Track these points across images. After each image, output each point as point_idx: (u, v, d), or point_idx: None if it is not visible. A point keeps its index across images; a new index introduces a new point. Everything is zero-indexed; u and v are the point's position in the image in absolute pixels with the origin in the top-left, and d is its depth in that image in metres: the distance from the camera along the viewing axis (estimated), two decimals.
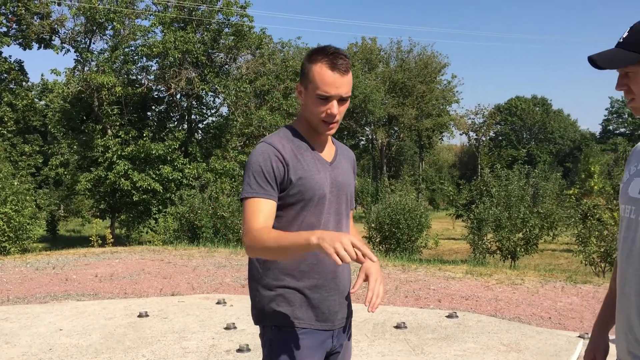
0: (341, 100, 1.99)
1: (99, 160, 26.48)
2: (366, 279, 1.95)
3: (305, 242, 1.74)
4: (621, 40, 1.73)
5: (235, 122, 27.24)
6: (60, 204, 37.80)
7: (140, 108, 28.97)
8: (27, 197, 19.90)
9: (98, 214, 30.90)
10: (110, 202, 28.69)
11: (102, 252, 12.48)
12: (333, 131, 2.03)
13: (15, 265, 10.52)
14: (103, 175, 26.44)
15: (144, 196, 26.27)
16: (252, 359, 4.63)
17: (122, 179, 25.94)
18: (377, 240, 19.11)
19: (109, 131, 27.07)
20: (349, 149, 2.30)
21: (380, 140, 54.56)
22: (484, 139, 70.73)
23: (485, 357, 4.71)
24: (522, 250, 18.45)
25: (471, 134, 69.47)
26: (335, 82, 1.93)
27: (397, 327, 5.61)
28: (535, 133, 78.54)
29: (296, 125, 2.11)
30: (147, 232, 23.38)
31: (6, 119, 36.31)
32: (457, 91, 59.08)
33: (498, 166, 22.27)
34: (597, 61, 1.71)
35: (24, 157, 35.19)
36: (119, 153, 26.12)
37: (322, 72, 1.94)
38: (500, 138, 77.54)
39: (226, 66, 29.22)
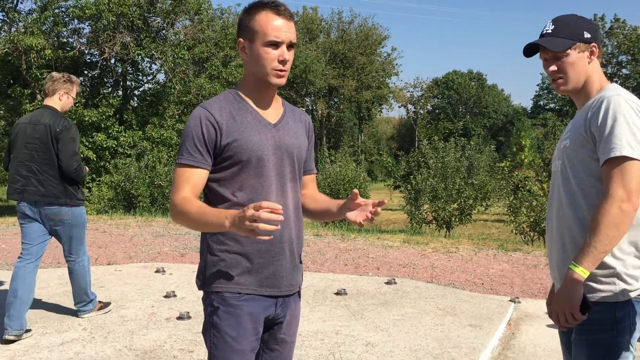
0: (290, 46, 1.98)
1: None
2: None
3: (221, 226, 1.79)
4: (549, 31, 2.11)
5: (172, 90, 26.57)
6: None
7: (72, 73, 27.71)
8: None
9: None
10: None
11: None
12: (284, 80, 1.99)
13: None
14: None
15: None
16: (192, 326, 4.60)
17: None
18: None
19: (39, 96, 25.86)
20: (304, 112, 2.25)
21: (320, 111, 54.58)
22: (421, 112, 71.92)
23: (422, 320, 4.86)
24: (457, 220, 19.00)
25: (409, 106, 70.47)
26: (284, 27, 1.93)
27: (338, 293, 5.69)
28: (471, 107, 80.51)
29: (239, 87, 2.09)
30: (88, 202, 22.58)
31: None
32: (396, 64, 59.63)
33: (435, 138, 22.72)
34: (544, 43, 2.09)
35: None
36: None
37: (268, 19, 1.93)
38: (438, 111, 79.07)
39: (163, 31, 28.32)
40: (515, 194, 20.62)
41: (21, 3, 27.92)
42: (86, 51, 27.34)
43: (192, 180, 1.93)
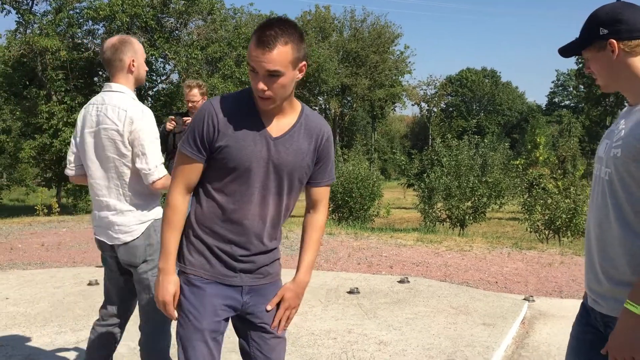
0: (271, 75, 1.91)
1: (44, 127, 25.56)
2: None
3: (160, 261, 2.10)
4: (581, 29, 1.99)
5: (181, 96, 26.71)
6: (2, 172, 36.46)
7: (87, 73, 28.01)
8: None
9: (43, 182, 29.98)
10: (57, 170, 27.83)
11: (48, 222, 12.15)
12: (268, 106, 1.98)
13: None
14: (48, 143, 25.57)
15: None
16: None
17: (69, 147, 25.14)
18: (330, 208, 19.25)
19: (54, 97, 26.11)
20: (323, 125, 2.16)
21: (333, 110, 54.58)
22: (435, 110, 71.64)
23: (435, 319, 4.84)
24: (471, 218, 18.91)
25: (423, 104, 70.26)
26: (259, 57, 1.89)
27: (350, 292, 5.69)
28: (485, 104, 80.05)
29: None
30: (87, 202, 22.82)
31: None
32: (409, 62, 59.42)
33: (449, 136, 22.62)
34: (564, 51, 2.01)
35: None
36: (64, 120, 25.28)
37: (250, 46, 1.94)
38: (451, 109, 78.70)
39: (177, 32, 28.48)
40: (529, 191, 20.48)
41: (36, 5, 28.16)
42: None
43: (187, 175, 2.07)
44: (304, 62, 2.01)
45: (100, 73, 28.78)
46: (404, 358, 3.97)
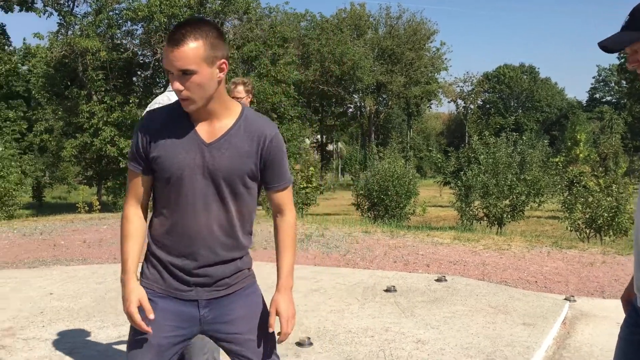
0: (185, 74, 1.87)
1: (85, 126, 26.16)
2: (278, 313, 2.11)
3: (121, 272, 2.05)
4: (624, 24, 1.91)
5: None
6: (45, 170, 37.46)
7: (126, 73, 28.55)
8: (12, 163, 19.70)
9: (85, 180, 30.68)
10: (97, 169, 28.46)
11: (89, 219, 12.42)
12: (188, 107, 1.93)
13: (2, 231, 10.46)
14: (89, 142, 26.17)
15: None
16: None
17: (109, 146, 25.70)
18: (366, 207, 19.19)
19: (94, 97, 26.69)
20: (266, 126, 2.04)
21: (368, 108, 54.39)
22: (472, 107, 70.75)
23: (474, 318, 4.78)
24: (509, 216, 18.61)
25: (459, 101, 69.47)
26: (168, 55, 1.87)
27: (387, 290, 5.67)
28: (523, 101, 78.70)
29: None
30: None
31: None
32: (445, 59, 58.87)
33: (486, 134, 22.31)
34: (608, 45, 1.89)
35: (7, 122, 34.72)
36: (104, 119, 25.82)
37: (165, 47, 1.93)
38: (488, 106, 77.63)
39: None
40: (570, 189, 20.04)
41: (77, 7, 28.81)
42: (139, 52, 28.05)
43: (135, 187, 2.06)
44: (224, 60, 1.94)
45: (139, 73, 29.30)
46: (442, 357, 3.93)
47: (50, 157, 33.63)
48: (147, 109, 3.10)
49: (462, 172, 19.87)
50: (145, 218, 2.10)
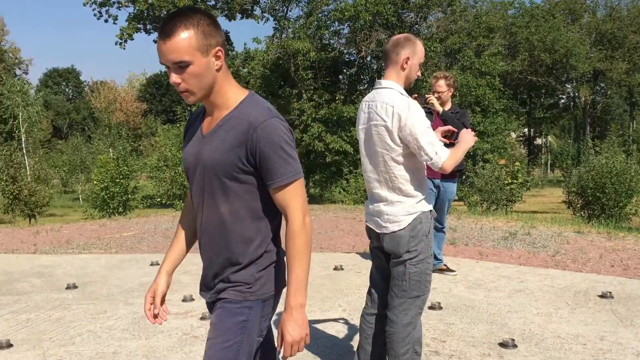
0: (180, 66, 1.81)
1: (295, 123, 27.94)
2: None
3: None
4: None
5: (424, 83, 26.93)
6: None
7: (333, 72, 29.86)
8: None
9: None
10: (306, 163, 30.24)
11: None
12: (188, 99, 1.88)
13: None
14: (299, 138, 27.89)
15: (336, 157, 27.25)
16: (444, 316, 4.63)
17: (316, 141, 27.13)
18: (579, 205, 17.79)
19: (304, 95, 28.36)
20: (256, 115, 1.87)
21: (583, 98, 50.16)
22: None
23: None
24: None
25: None
26: (161, 50, 1.81)
27: (602, 296, 5.21)
28: None
29: None
30: (339, 192, 24.36)
31: None
32: None
33: None
34: None
35: None
36: (313, 116, 27.30)
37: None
38: None
39: (416, 26, 28.82)
40: None
41: (290, 11, 30.84)
42: (345, 51, 29.13)
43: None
44: (219, 48, 1.85)
45: (345, 71, 30.43)
46: None
47: None
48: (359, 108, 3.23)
49: None
50: None
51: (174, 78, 1.83)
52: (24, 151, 28.75)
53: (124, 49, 31.55)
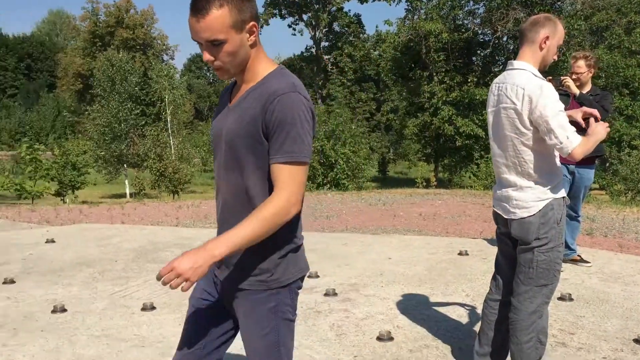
0: (214, 44, 1.75)
1: (425, 106, 27.59)
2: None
3: None
4: None
5: (564, 64, 25.37)
6: (390, 147, 40.74)
7: (465, 53, 29.01)
8: (362, 140, 21.98)
9: (423, 157, 32.43)
10: (435, 146, 29.79)
11: (426, 193, 13.16)
12: (222, 76, 1.83)
13: (352, 200, 11.84)
14: (428, 121, 27.52)
15: (466, 141, 26.59)
16: (574, 308, 4.43)
17: (446, 125, 26.62)
18: None
19: (435, 77, 27.86)
20: (280, 86, 1.77)
21: None
22: None
23: None
24: None
25: None
26: (194, 26, 1.74)
27: None
28: None
29: None
30: (469, 177, 23.79)
31: (346, 69, 40.31)
32: None
33: None
34: None
35: (360, 103, 38.71)
36: (443, 99, 26.78)
37: (188, 17, 1.79)
38: None
39: (558, 3, 27.14)
40: None
41: None
42: (479, 31, 28.16)
43: None
44: (253, 23, 1.77)
45: (478, 52, 29.45)
46: None
47: (394, 135, 36.44)
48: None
49: None
50: None
51: (208, 56, 1.77)
52: (169, 132, 30.95)
53: (260, 34, 32.79)
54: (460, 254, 6.35)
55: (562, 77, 5.20)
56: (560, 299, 4.68)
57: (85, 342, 3.84)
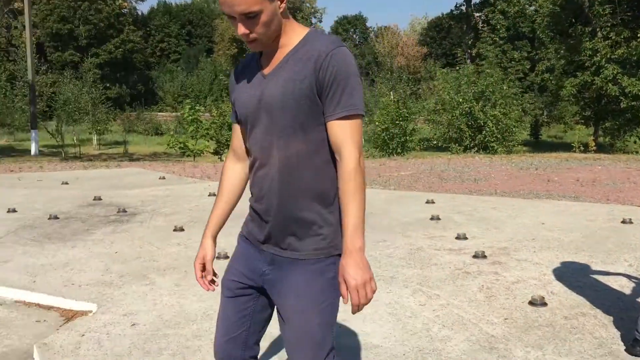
0: (248, 17, 1.68)
1: (586, 64, 25.54)
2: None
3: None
4: None
5: None
6: (543, 109, 38.44)
7: (636, 5, 26.27)
8: (514, 102, 20.98)
9: (582, 120, 30.24)
10: (595, 108, 27.63)
11: (584, 158, 12.35)
12: (258, 48, 1.79)
13: (502, 164, 11.43)
14: (589, 81, 25.50)
15: (633, 103, 24.33)
16: None
17: (610, 84, 24.51)
18: None
19: (599, 33, 25.63)
20: (327, 44, 1.71)
21: None
22: None
23: None
24: None
25: None
26: (226, 1, 1.68)
27: None
28: None
29: None
30: (634, 142, 21.84)
31: (499, 27, 38.41)
32: None
33: None
34: None
35: (512, 63, 36.83)
36: (608, 56, 24.62)
37: None
38: None
39: None
40: None
41: None
42: None
43: (234, 139, 2.03)
44: None
45: None
46: None
47: (550, 96, 34.25)
48: None
49: None
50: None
51: (242, 30, 1.72)
52: None
53: None
54: (623, 222, 5.92)
55: None
56: None
57: None
